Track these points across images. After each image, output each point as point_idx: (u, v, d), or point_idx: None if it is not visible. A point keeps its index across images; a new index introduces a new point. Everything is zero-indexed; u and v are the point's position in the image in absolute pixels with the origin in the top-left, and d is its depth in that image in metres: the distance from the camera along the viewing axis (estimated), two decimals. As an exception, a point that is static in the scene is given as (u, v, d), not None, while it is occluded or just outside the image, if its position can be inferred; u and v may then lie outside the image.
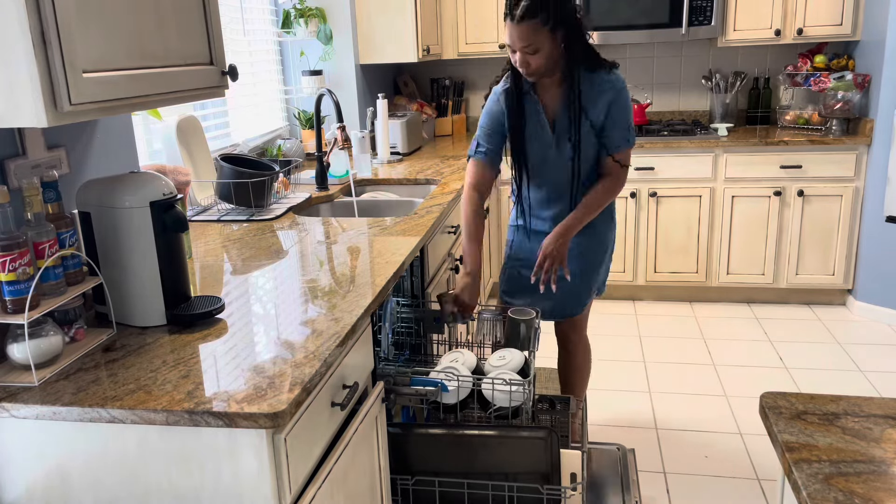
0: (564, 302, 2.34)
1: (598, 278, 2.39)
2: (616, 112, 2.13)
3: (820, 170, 3.81)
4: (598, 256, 2.33)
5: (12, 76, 1.13)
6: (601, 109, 2.13)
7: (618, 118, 2.14)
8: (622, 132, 2.16)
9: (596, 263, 2.34)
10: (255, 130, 3.43)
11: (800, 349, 3.51)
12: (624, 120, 2.15)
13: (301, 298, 1.66)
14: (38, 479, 1.26)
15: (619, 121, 2.14)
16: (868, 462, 0.99)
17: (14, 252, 1.29)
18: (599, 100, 2.12)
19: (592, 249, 2.31)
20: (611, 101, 2.12)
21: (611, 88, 2.12)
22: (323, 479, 1.35)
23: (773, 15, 3.91)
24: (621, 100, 2.14)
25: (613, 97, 2.12)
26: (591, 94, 2.13)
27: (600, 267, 2.37)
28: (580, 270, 2.30)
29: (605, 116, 2.14)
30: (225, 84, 1.64)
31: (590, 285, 2.36)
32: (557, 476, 1.79)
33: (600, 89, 2.12)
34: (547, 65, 2.07)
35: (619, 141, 2.16)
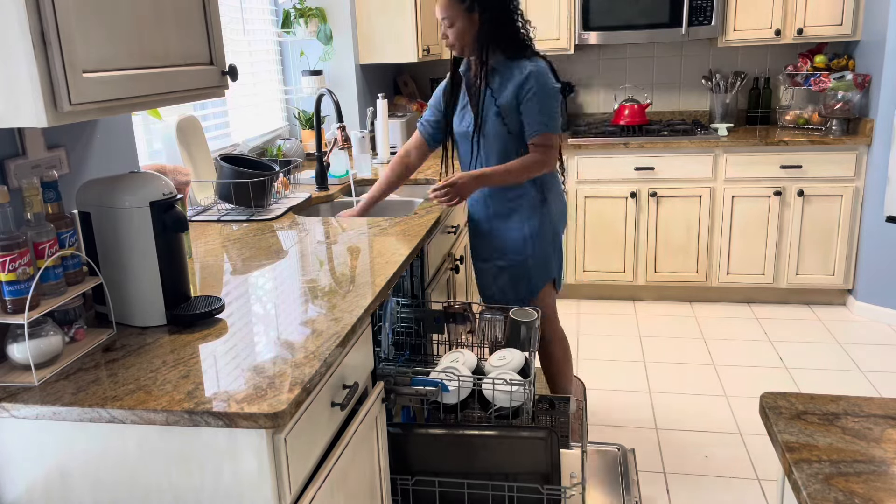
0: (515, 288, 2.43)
1: (547, 268, 2.44)
2: (528, 98, 2.23)
3: (820, 170, 3.81)
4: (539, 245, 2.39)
5: (12, 76, 1.13)
6: (510, 94, 2.24)
7: (531, 104, 2.24)
8: (537, 117, 2.25)
9: (538, 251, 2.40)
10: (255, 130, 3.43)
11: (800, 349, 3.51)
12: (537, 107, 2.24)
13: (301, 298, 1.66)
14: (38, 479, 1.26)
15: (532, 107, 2.24)
16: (868, 462, 0.99)
17: (14, 252, 1.29)
18: (509, 84, 2.25)
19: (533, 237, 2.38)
20: (520, 86, 2.23)
21: (521, 74, 2.23)
22: (323, 479, 1.35)
23: (773, 15, 3.91)
24: (533, 86, 2.22)
25: (522, 82, 2.23)
26: (503, 79, 2.27)
27: (545, 255, 2.42)
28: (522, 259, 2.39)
29: (518, 102, 2.24)
30: (225, 84, 1.64)
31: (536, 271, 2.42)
32: (557, 476, 1.79)
33: (510, 74, 2.25)
34: (461, 41, 2.25)
35: (535, 126, 2.26)
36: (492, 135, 2.32)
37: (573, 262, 4.17)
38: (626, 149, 3.95)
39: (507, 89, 2.26)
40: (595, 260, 4.15)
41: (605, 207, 4.06)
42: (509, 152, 2.33)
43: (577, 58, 4.51)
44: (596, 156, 3.99)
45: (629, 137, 3.98)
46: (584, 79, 4.55)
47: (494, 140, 2.33)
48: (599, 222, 4.09)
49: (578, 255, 4.16)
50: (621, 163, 3.98)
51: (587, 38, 4.06)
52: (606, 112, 4.55)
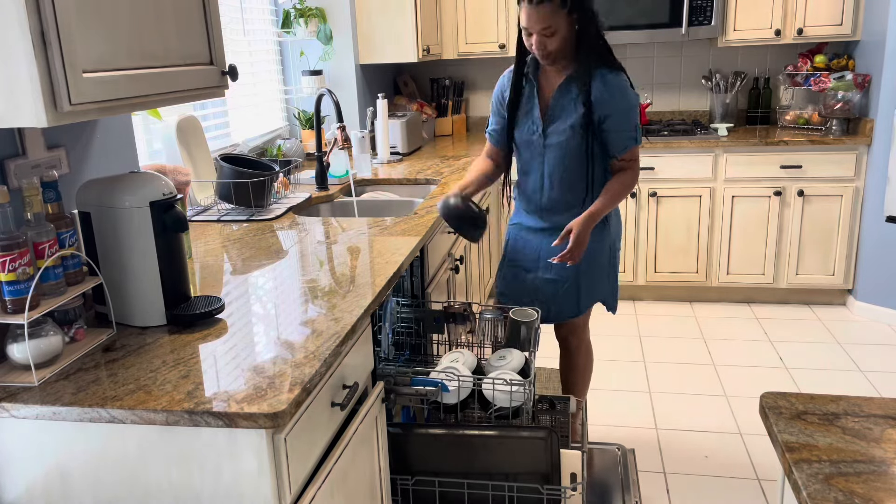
0: (560, 304, 2.33)
1: (599, 286, 2.35)
2: (619, 115, 2.13)
3: (820, 170, 3.81)
4: (588, 260, 2.28)
5: (12, 76, 1.13)
6: (601, 110, 2.12)
7: (622, 121, 2.13)
8: (626, 133, 2.15)
9: (592, 268, 2.30)
10: (255, 130, 3.43)
11: (800, 349, 3.51)
12: (628, 122, 2.14)
13: (301, 298, 1.66)
14: (38, 479, 1.26)
15: (623, 123, 2.14)
16: (868, 462, 0.99)
17: (14, 252, 1.29)
18: (603, 100, 2.12)
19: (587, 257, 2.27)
20: (604, 102, 2.12)
21: (616, 93, 2.12)
22: (323, 479, 1.35)
23: (773, 15, 3.91)
24: (621, 102, 2.12)
25: (609, 101, 2.12)
26: (596, 92, 2.12)
27: (598, 272, 2.32)
28: (573, 274, 2.29)
29: (606, 118, 2.13)
30: (225, 84, 1.64)
31: (587, 290, 2.32)
32: (557, 476, 1.79)
33: (605, 90, 2.12)
34: (563, 48, 2.10)
35: (626, 141, 2.16)
36: (562, 147, 2.19)
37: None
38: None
39: (599, 104, 2.12)
40: (595, 260, 4.14)
41: (605, 207, 4.06)
42: (576, 167, 2.21)
43: (577, 58, 4.50)
44: (596, 156, 3.99)
45: (629, 137, 3.98)
46: (584, 79, 4.54)
47: (564, 153, 2.20)
48: (599, 222, 4.09)
49: (578, 255, 4.15)
50: (621, 163, 3.98)
51: (587, 38, 4.06)
52: (606, 112, 4.54)
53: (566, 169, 2.21)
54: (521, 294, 2.36)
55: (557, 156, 2.21)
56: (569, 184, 2.23)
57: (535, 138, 2.23)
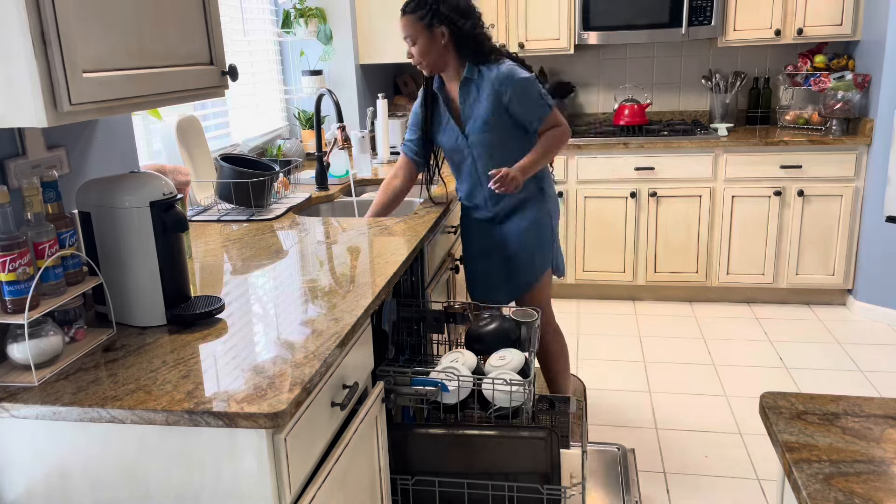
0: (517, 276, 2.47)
1: (548, 253, 2.48)
2: (515, 97, 2.25)
3: (820, 170, 3.81)
4: (540, 229, 2.44)
5: (12, 76, 1.13)
6: (494, 100, 2.26)
7: (524, 98, 2.26)
8: (531, 108, 2.28)
9: (539, 236, 2.44)
10: (255, 130, 3.43)
11: (800, 349, 3.51)
12: (531, 96, 2.27)
13: (301, 298, 1.66)
14: (38, 479, 1.26)
15: (521, 106, 2.27)
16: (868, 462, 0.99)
17: (14, 252, 1.29)
18: (484, 93, 2.27)
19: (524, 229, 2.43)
20: (497, 93, 2.25)
21: (493, 83, 2.25)
22: (323, 479, 1.35)
23: (773, 15, 3.91)
24: (514, 85, 2.24)
25: (499, 90, 2.25)
26: (479, 88, 2.28)
27: (544, 240, 2.46)
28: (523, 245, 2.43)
29: (504, 108, 2.27)
30: (225, 84, 1.64)
31: (539, 257, 2.46)
32: (557, 476, 1.79)
33: (482, 83, 2.27)
34: (426, 58, 2.27)
35: (536, 116, 2.30)
36: (485, 142, 2.35)
37: (573, 262, 4.17)
38: (626, 149, 3.95)
39: (484, 98, 2.29)
40: (595, 260, 4.15)
41: (605, 207, 4.06)
42: (506, 152, 2.35)
43: (577, 58, 4.51)
44: (596, 156, 3.99)
45: (629, 137, 3.98)
46: (584, 79, 4.55)
47: (489, 146, 2.36)
48: (599, 222, 4.09)
49: (578, 255, 4.15)
50: (621, 163, 3.98)
51: (587, 38, 4.06)
52: (606, 112, 4.54)
53: (494, 160, 2.35)
54: (483, 281, 2.53)
55: (483, 151, 2.37)
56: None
57: (459, 142, 2.40)
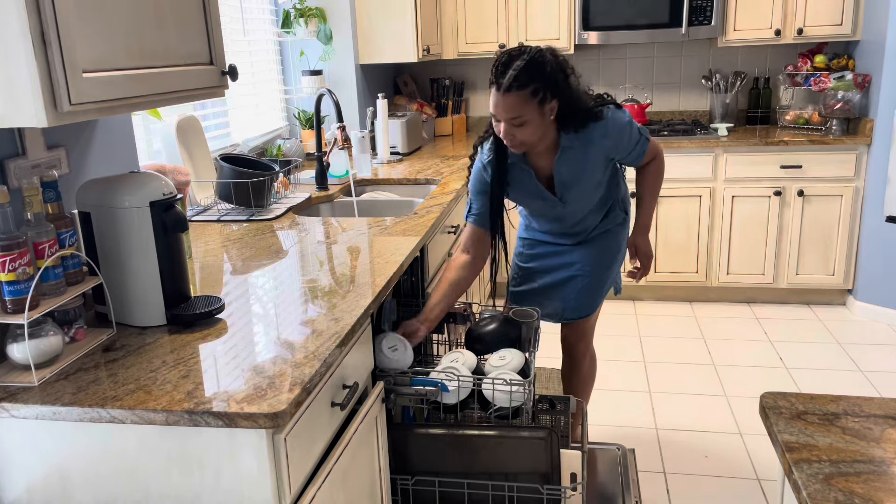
0: (579, 302, 2.31)
1: (612, 278, 2.36)
2: (624, 143, 2.06)
3: (820, 170, 3.81)
4: (612, 256, 2.31)
5: (12, 76, 1.13)
6: (602, 158, 2.06)
7: (628, 144, 2.07)
8: (636, 149, 2.10)
9: (608, 263, 2.31)
10: (255, 130, 3.43)
11: (800, 349, 3.51)
12: (632, 140, 2.07)
13: (301, 298, 1.66)
14: (38, 479, 1.26)
15: (630, 144, 2.07)
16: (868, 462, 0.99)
17: (14, 252, 1.29)
18: (595, 151, 2.03)
19: (607, 249, 2.29)
20: (608, 147, 2.03)
21: (612, 131, 2.01)
22: (323, 479, 1.35)
23: (773, 15, 3.91)
24: (624, 131, 2.03)
25: (610, 143, 2.02)
26: (584, 150, 2.02)
27: (613, 265, 2.33)
28: (592, 270, 2.28)
29: (616, 154, 2.08)
30: (225, 84, 1.64)
31: (603, 285, 2.33)
32: (557, 476, 1.79)
33: (606, 137, 2.01)
34: (533, 137, 1.92)
35: (637, 152, 2.11)
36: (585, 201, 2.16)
37: (573, 262, 4.17)
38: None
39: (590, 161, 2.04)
40: (595, 260, 4.14)
41: (605, 207, 4.06)
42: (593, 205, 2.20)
43: (577, 58, 4.51)
44: (596, 156, 3.99)
45: (629, 137, 3.98)
46: (584, 79, 4.53)
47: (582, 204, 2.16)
48: (599, 222, 4.09)
49: (578, 255, 4.15)
50: (621, 163, 3.98)
51: (587, 38, 4.06)
52: (606, 112, 4.54)
53: (590, 211, 2.21)
54: (538, 295, 2.33)
55: (582, 207, 2.17)
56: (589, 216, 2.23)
57: (557, 210, 2.16)
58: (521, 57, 1.85)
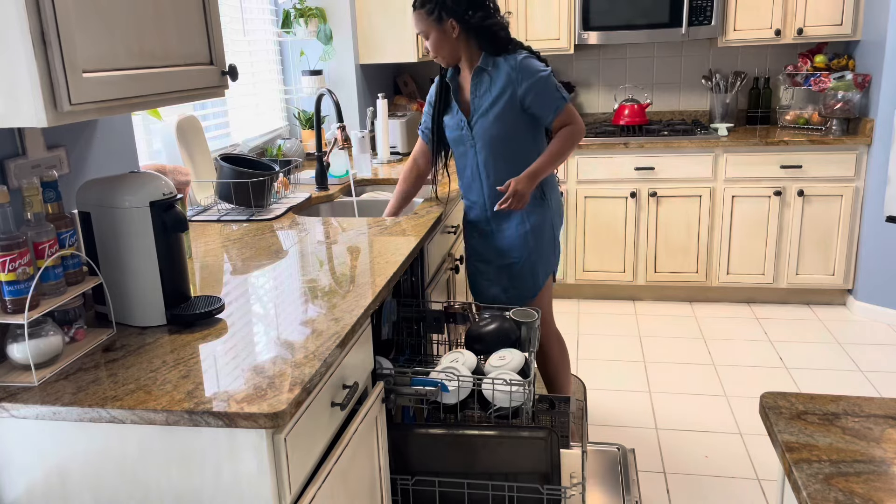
0: (519, 286, 2.44)
1: (550, 260, 2.47)
2: (530, 88, 2.23)
3: (820, 170, 3.81)
4: (541, 236, 2.41)
5: (12, 76, 1.13)
6: (508, 91, 2.25)
7: (537, 92, 2.24)
8: (547, 101, 2.26)
9: (540, 243, 2.41)
10: (255, 130, 3.43)
11: (800, 349, 3.51)
12: (547, 90, 2.25)
13: (301, 298, 1.66)
14: (38, 479, 1.26)
15: (536, 97, 2.25)
16: (868, 462, 0.99)
17: (14, 252, 1.29)
18: (504, 83, 2.25)
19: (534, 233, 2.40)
20: (516, 82, 2.23)
21: (508, 73, 2.24)
22: (323, 479, 1.35)
23: (773, 15, 3.91)
24: (530, 76, 2.23)
25: (519, 78, 2.23)
26: (492, 79, 2.27)
27: (546, 246, 2.44)
28: (525, 253, 2.40)
29: (523, 96, 2.24)
30: (225, 84, 1.64)
31: (541, 265, 2.44)
32: (557, 476, 1.79)
33: (498, 74, 2.26)
34: (441, 51, 2.28)
35: (551, 108, 2.27)
36: (490, 134, 2.32)
37: (573, 262, 4.17)
38: (626, 149, 3.95)
39: (496, 89, 2.27)
40: (595, 260, 4.15)
41: (605, 207, 4.06)
42: (510, 147, 2.33)
43: (577, 58, 4.51)
44: (596, 156, 3.99)
45: (629, 137, 3.98)
46: (584, 79, 4.55)
47: (493, 138, 2.32)
48: (599, 222, 4.09)
49: (578, 255, 4.16)
50: (621, 163, 3.98)
51: (587, 38, 4.06)
52: (606, 112, 4.54)
53: (498, 155, 2.34)
54: (483, 288, 2.50)
55: (486, 143, 2.34)
56: (505, 170, 2.34)
57: (464, 132, 2.37)
58: None
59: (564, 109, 2.27)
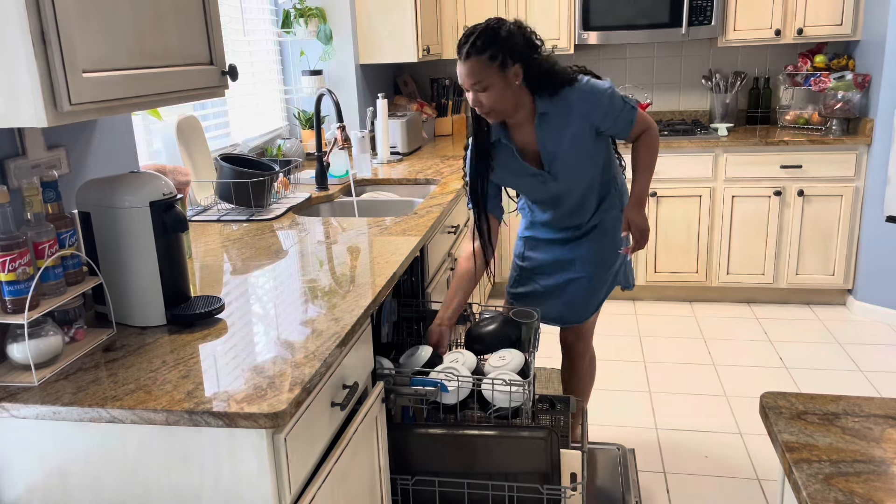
0: (575, 306, 2.29)
1: (613, 276, 2.30)
2: (606, 109, 2.02)
3: (820, 170, 3.81)
4: (611, 253, 2.24)
5: (12, 76, 1.13)
6: (583, 123, 2.03)
7: (611, 111, 2.03)
8: (618, 116, 2.05)
9: (609, 263, 2.26)
10: (255, 130, 3.43)
11: (800, 349, 3.51)
12: (615, 107, 2.03)
13: (301, 298, 1.66)
14: (38, 479, 1.26)
15: (608, 117, 2.04)
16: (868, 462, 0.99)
17: (14, 252, 1.29)
18: (576, 117, 2.02)
19: (606, 246, 2.23)
20: (588, 112, 2.02)
21: (590, 96, 2.01)
22: (323, 478, 1.35)
23: (773, 15, 3.91)
24: (599, 99, 2.01)
25: (590, 107, 2.01)
26: (564, 115, 2.02)
27: (613, 264, 2.28)
28: (591, 274, 2.24)
29: (600, 123, 2.05)
30: (225, 84, 1.64)
31: (603, 285, 2.29)
32: (557, 476, 1.79)
33: (582, 103, 2.01)
34: (500, 103, 1.95)
35: (624, 121, 2.06)
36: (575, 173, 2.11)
37: (573, 262, 4.17)
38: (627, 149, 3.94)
39: (570, 128, 2.03)
40: (595, 260, 4.14)
41: (605, 207, 4.06)
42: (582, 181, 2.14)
43: (577, 58, 4.50)
44: (596, 156, 3.99)
45: (629, 137, 3.98)
46: (584, 79, 4.54)
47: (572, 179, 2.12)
48: (599, 222, 4.08)
49: (578, 255, 4.15)
50: (621, 163, 3.98)
51: (587, 38, 4.07)
52: (606, 112, 4.54)
53: (581, 189, 2.15)
54: (537, 298, 2.29)
55: (574, 183, 2.13)
56: (585, 197, 2.17)
57: (549, 186, 2.12)
58: (480, 26, 1.93)
59: (637, 119, 2.07)
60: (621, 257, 2.29)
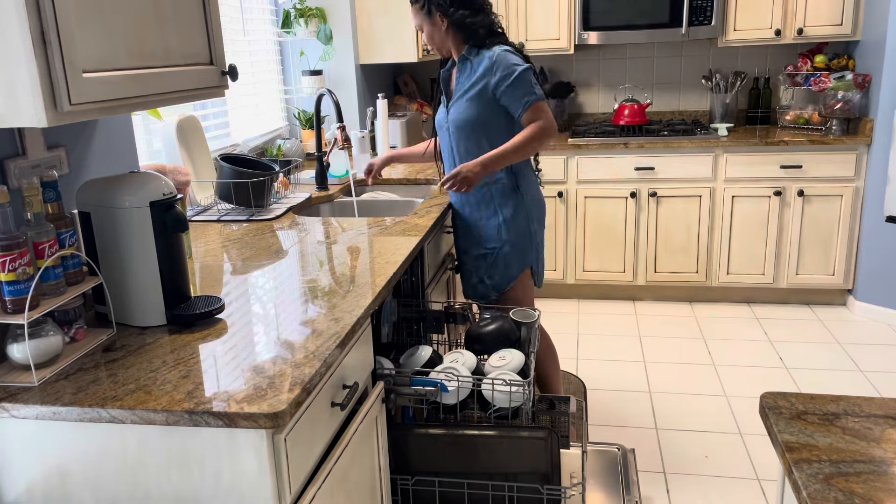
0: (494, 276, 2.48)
1: (526, 255, 2.47)
2: (500, 83, 2.30)
3: (820, 170, 3.81)
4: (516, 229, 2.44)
5: (12, 76, 1.13)
6: (483, 80, 2.33)
7: (507, 89, 2.30)
8: (518, 95, 2.30)
9: (515, 236, 2.44)
10: (255, 130, 3.43)
11: (800, 349, 3.51)
12: (520, 84, 2.29)
13: (301, 298, 1.66)
14: (38, 479, 1.26)
15: (508, 90, 2.30)
16: (868, 462, 0.99)
17: (14, 252, 1.29)
18: (481, 72, 2.33)
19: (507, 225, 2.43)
20: (491, 71, 2.31)
21: (485, 63, 2.33)
22: (323, 478, 1.35)
23: (774, 15, 3.91)
24: (505, 67, 2.29)
25: (488, 69, 2.31)
26: (472, 67, 2.37)
27: (522, 240, 2.45)
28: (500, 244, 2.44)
29: (496, 86, 2.31)
30: (225, 84, 1.64)
31: (516, 257, 2.45)
32: (557, 476, 1.79)
33: (478, 64, 2.35)
34: (432, 42, 2.44)
35: (521, 103, 2.31)
36: (463, 120, 2.39)
37: (573, 262, 4.17)
38: (626, 149, 3.95)
39: (474, 77, 2.36)
40: (595, 260, 4.14)
41: (605, 207, 4.06)
42: (483, 136, 2.38)
43: (577, 58, 4.51)
44: (596, 156, 3.99)
45: (629, 137, 3.98)
46: (584, 79, 4.55)
47: (466, 125, 2.39)
48: (599, 222, 4.09)
49: (578, 255, 4.15)
50: (621, 163, 3.98)
51: (587, 37, 4.06)
52: (606, 112, 4.54)
53: (469, 140, 2.41)
54: (467, 277, 2.56)
55: (457, 128, 2.42)
56: (456, 149, 2.45)
57: (442, 118, 2.49)
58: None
59: (534, 105, 2.31)
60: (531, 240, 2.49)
